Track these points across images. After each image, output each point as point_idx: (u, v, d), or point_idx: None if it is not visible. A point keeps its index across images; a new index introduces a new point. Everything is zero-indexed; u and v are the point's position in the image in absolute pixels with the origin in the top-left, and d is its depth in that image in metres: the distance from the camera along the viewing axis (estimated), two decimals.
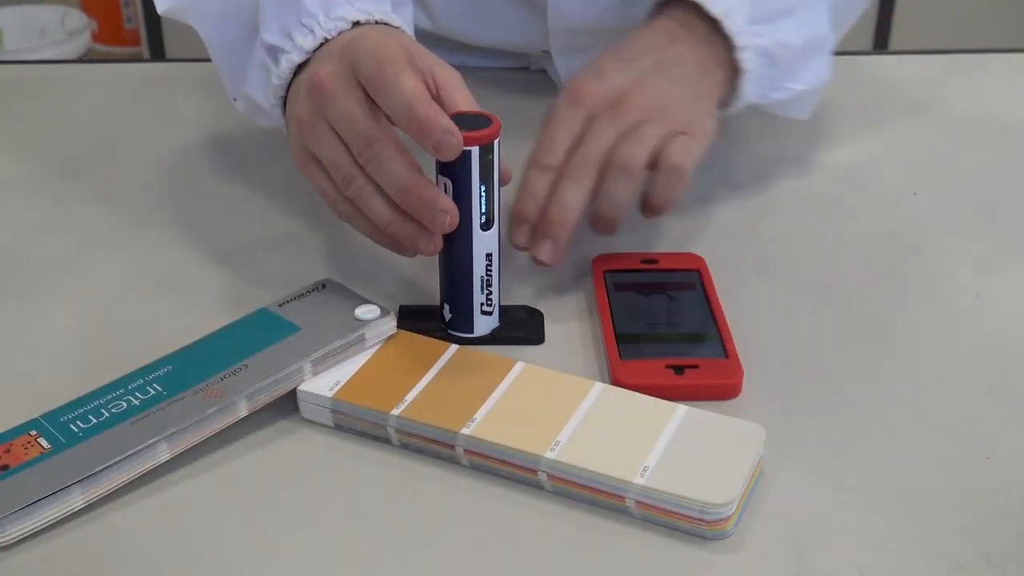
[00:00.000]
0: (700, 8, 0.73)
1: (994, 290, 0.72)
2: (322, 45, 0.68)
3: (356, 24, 0.69)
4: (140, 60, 2.29)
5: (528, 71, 0.98)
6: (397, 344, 0.65)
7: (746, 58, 0.74)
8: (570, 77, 0.72)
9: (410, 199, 0.63)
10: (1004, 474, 0.59)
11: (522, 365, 0.63)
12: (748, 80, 0.75)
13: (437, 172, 0.64)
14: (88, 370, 0.63)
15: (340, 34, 0.68)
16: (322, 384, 0.62)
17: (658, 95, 0.71)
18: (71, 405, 0.60)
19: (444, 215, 0.63)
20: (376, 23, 0.69)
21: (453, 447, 0.59)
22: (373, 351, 0.64)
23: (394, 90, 0.62)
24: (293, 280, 0.69)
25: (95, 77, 1.02)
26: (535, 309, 0.70)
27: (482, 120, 0.63)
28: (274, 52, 0.70)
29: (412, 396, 0.61)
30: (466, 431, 0.58)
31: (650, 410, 0.60)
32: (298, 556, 0.54)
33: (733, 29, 0.73)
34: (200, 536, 0.56)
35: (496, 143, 0.63)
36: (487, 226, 0.65)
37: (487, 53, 0.97)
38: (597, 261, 0.73)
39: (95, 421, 0.59)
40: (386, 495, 0.58)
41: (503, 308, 0.68)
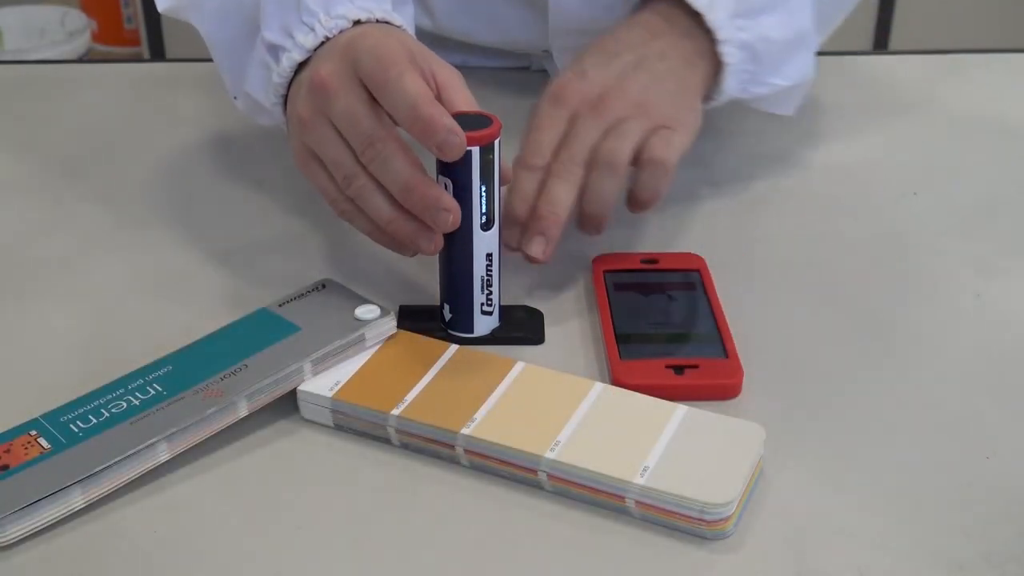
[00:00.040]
0: (683, 2, 0.74)
1: (994, 290, 0.72)
2: (323, 43, 0.68)
3: (357, 23, 0.69)
4: (140, 60, 2.29)
5: (529, 71, 0.98)
6: (397, 344, 0.65)
7: (728, 52, 0.74)
8: (553, 76, 0.73)
9: (413, 198, 0.63)
10: (1004, 474, 0.59)
11: (522, 365, 0.63)
12: (730, 74, 0.75)
13: (437, 172, 0.64)
14: (88, 370, 0.63)
15: (341, 32, 0.68)
16: (322, 384, 0.62)
17: (639, 91, 0.71)
18: (71, 405, 0.60)
19: (447, 214, 0.63)
20: (377, 22, 0.69)
21: (453, 447, 0.59)
22: (373, 351, 0.64)
23: (398, 90, 0.62)
24: (293, 280, 0.69)
25: (95, 77, 1.02)
26: (535, 309, 0.70)
27: (482, 120, 0.63)
28: (275, 50, 0.70)
29: (412, 396, 0.61)
30: (466, 431, 0.58)
31: (650, 410, 0.60)
32: (298, 556, 0.54)
33: (715, 23, 0.74)
34: (200, 536, 0.56)
35: (497, 143, 0.63)
36: (487, 226, 0.65)
37: (487, 52, 0.97)
38: (597, 261, 0.73)
39: (95, 421, 0.59)
40: (386, 495, 0.58)
41: (503, 308, 0.68)
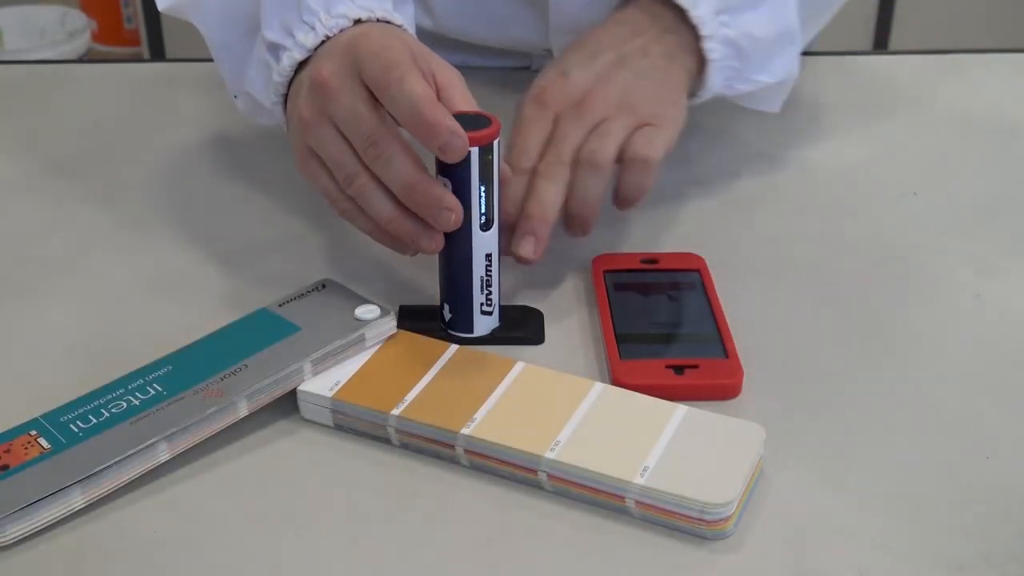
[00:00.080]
0: None
1: (994, 290, 0.72)
2: (323, 43, 0.68)
3: (358, 21, 0.68)
4: (140, 60, 2.29)
5: (529, 71, 0.98)
6: (397, 344, 0.65)
7: (711, 48, 0.74)
8: (536, 77, 0.73)
9: (416, 197, 0.63)
10: (1004, 474, 0.59)
11: (522, 365, 0.63)
12: (714, 70, 0.75)
13: (436, 172, 0.64)
14: (88, 370, 0.63)
15: (342, 32, 0.68)
16: (322, 384, 0.62)
17: (621, 90, 0.72)
18: (71, 405, 0.60)
19: (450, 213, 0.63)
20: (378, 21, 0.69)
21: (453, 447, 0.59)
22: (373, 351, 0.64)
23: (401, 93, 0.62)
24: (293, 280, 0.69)
25: (95, 77, 1.02)
26: (535, 309, 0.70)
27: (482, 120, 0.63)
28: (275, 49, 0.70)
29: (412, 396, 0.61)
30: (466, 431, 0.58)
31: (650, 410, 0.60)
32: (298, 556, 0.54)
33: (699, 19, 0.74)
34: (200, 536, 0.56)
35: (496, 143, 0.63)
36: (487, 226, 0.65)
37: (488, 52, 0.97)
38: (597, 261, 0.73)
39: (95, 421, 0.59)
40: (386, 495, 0.58)
41: (503, 308, 0.68)
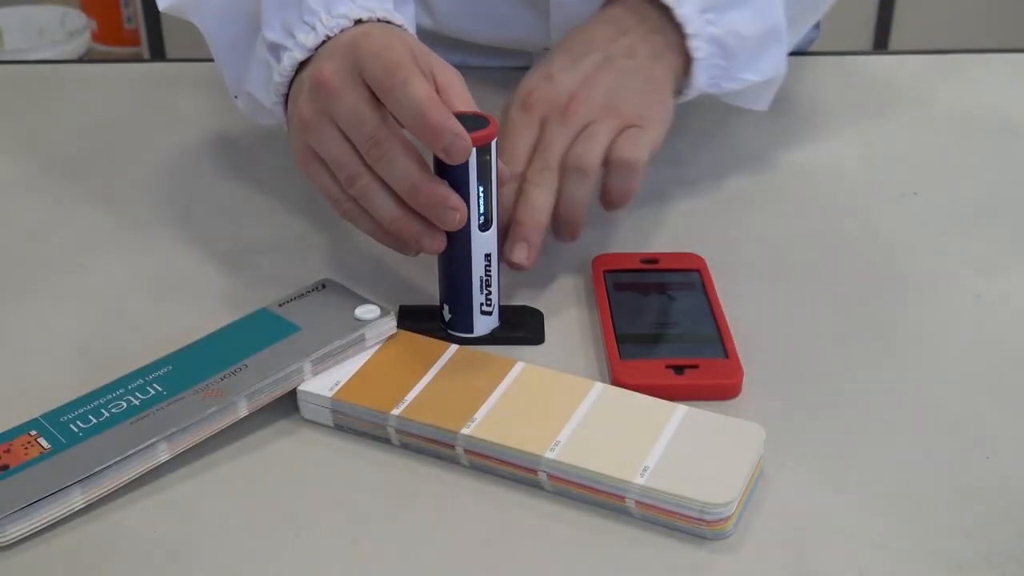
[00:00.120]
0: None
1: (994, 290, 0.72)
2: (324, 43, 0.68)
3: (358, 21, 0.68)
4: (140, 60, 2.29)
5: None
6: (397, 344, 0.65)
7: (697, 46, 0.74)
8: (522, 81, 0.73)
9: (420, 197, 0.63)
10: (1004, 474, 0.59)
11: (522, 365, 0.63)
12: (699, 68, 0.75)
13: (435, 172, 0.64)
14: (88, 370, 0.63)
15: (342, 32, 0.68)
16: (322, 384, 0.62)
17: (606, 92, 0.71)
18: (71, 405, 0.60)
19: (454, 212, 0.63)
20: (378, 21, 0.69)
21: (453, 447, 0.59)
22: (373, 351, 0.64)
23: (405, 95, 0.61)
24: (293, 280, 0.69)
25: (95, 77, 1.02)
26: (535, 309, 0.70)
27: (480, 121, 0.63)
28: (276, 49, 0.70)
29: (412, 396, 0.61)
30: (466, 431, 0.58)
31: (650, 410, 0.60)
32: (298, 556, 0.54)
33: (684, 17, 0.73)
34: (200, 536, 0.56)
35: (494, 144, 0.63)
36: (485, 227, 0.65)
37: (488, 52, 0.97)
38: (597, 261, 0.73)
39: (95, 421, 0.59)
40: (386, 495, 0.58)
41: (503, 308, 0.68)
